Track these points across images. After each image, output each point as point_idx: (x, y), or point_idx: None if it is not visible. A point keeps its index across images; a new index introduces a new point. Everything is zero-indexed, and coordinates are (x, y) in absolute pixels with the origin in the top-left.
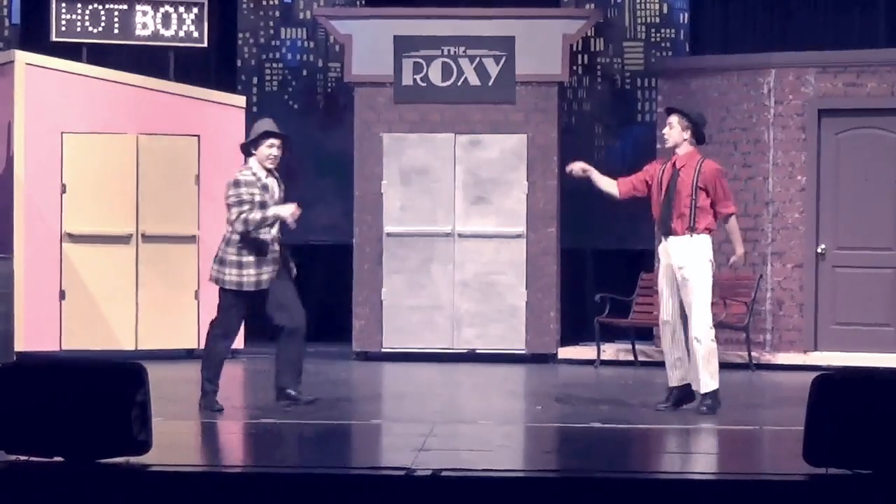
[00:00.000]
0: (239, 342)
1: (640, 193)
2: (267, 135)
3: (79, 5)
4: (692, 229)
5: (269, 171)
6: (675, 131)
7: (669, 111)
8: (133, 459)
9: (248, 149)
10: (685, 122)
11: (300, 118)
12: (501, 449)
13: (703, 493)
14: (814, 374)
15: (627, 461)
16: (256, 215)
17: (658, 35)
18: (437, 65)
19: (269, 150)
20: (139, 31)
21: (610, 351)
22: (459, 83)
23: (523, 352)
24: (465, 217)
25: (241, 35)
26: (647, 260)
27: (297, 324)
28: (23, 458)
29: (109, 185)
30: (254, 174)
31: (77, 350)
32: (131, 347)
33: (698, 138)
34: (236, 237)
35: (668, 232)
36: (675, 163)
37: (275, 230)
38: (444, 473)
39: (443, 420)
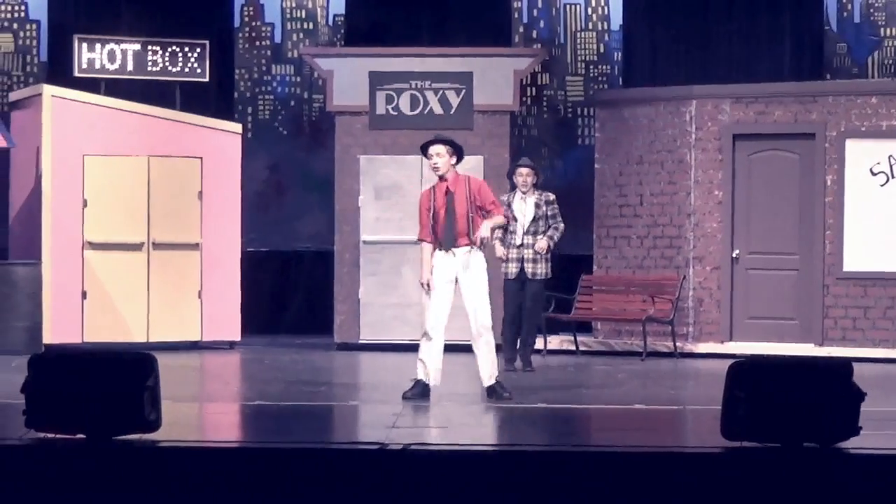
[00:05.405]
0: (236, 334)
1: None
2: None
3: (98, 45)
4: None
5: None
6: (443, 160)
7: (433, 143)
8: (145, 436)
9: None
10: (451, 149)
11: (289, 142)
12: (462, 426)
13: (634, 464)
14: (730, 362)
15: (570, 436)
16: None
17: (596, 70)
18: (406, 96)
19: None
20: (150, 68)
21: (555, 341)
22: (425, 112)
23: None
24: None
25: (237, 71)
26: (586, 264)
27: None
28: (50, 435)
29: (124, 200)
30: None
31: (97, 342)
32: (143, 339)
33: (459, 159)
34: None
35: (452, 245)
36: (446, 188)
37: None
38: (412, 447)
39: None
